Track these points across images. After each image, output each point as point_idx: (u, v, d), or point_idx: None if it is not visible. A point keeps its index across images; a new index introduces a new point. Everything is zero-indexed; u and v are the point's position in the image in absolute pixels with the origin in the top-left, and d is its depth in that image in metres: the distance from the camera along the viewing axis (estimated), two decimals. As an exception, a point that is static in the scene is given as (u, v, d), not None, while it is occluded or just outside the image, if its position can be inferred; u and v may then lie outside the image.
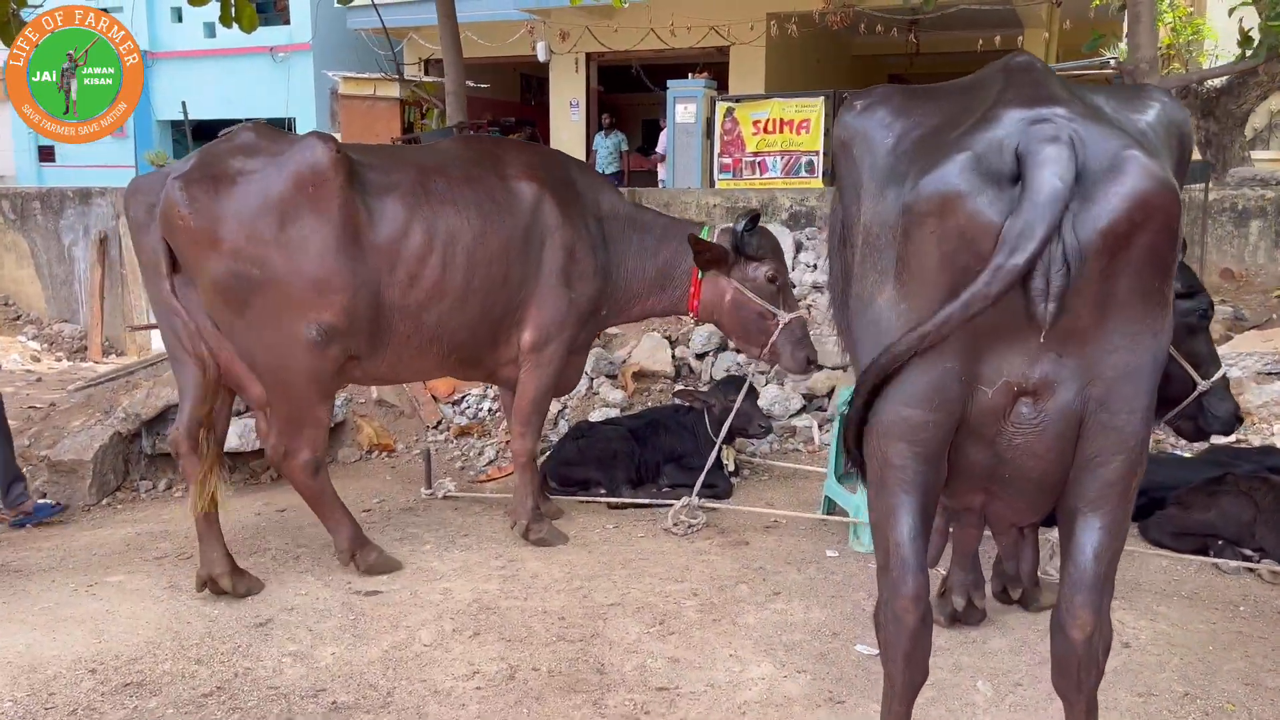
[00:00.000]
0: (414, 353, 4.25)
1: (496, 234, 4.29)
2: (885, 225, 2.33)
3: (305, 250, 3.82)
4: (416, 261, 4.07)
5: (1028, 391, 2.22)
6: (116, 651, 3.55)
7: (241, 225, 3.76)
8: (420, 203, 4.12)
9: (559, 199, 4.51)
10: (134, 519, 5.21)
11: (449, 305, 4.19)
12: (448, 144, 4.89)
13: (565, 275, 4.48)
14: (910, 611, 2.34)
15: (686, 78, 13.50)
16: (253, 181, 3.81)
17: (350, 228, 3.90)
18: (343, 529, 4.25)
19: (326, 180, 3.83)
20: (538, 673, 3.44)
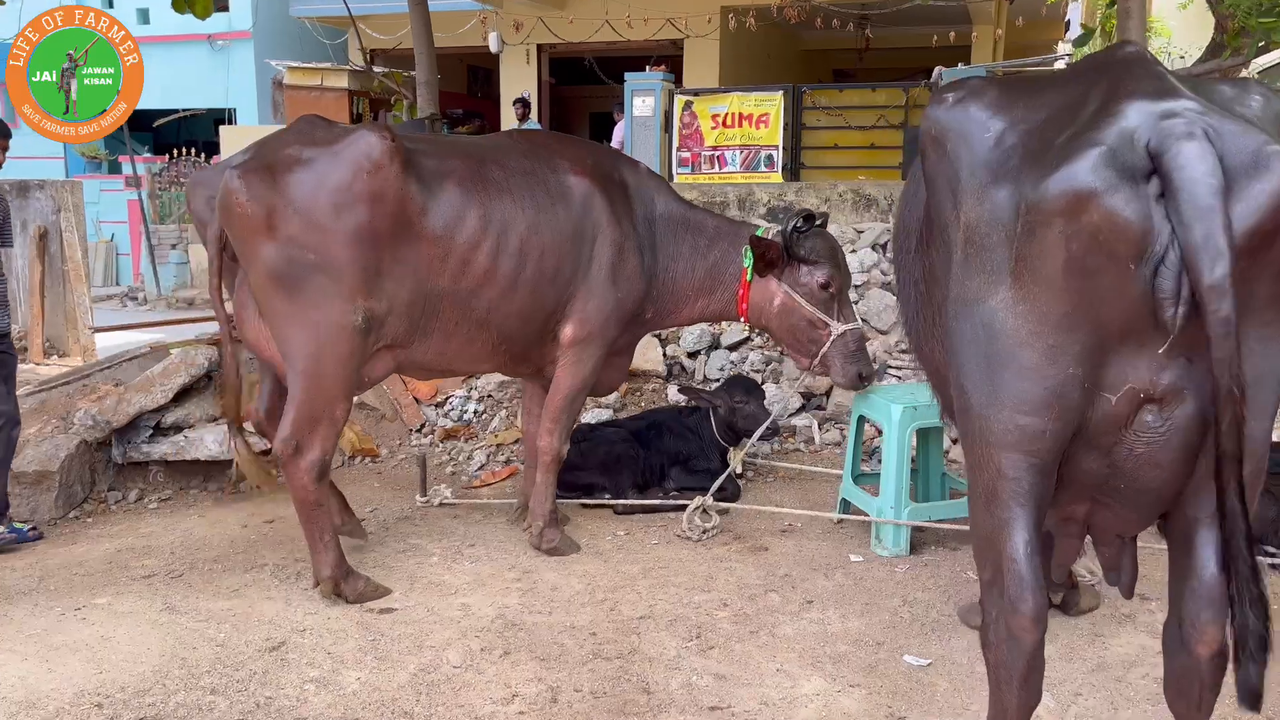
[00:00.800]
0: (463, 340, 4.19)
1: (549, 226, 4.23)
2: (997, 224, 2.20)
3: (357, 236, 3.79)
4: (469, 248, 4.04)
5: (1154, 399, 2.12)
6: (122, 683, 3.29)
7: (296, 210, 3.74)
8: (475, 190, 4.10)
9: (609, 196, 4.41)
10: (109, 534, 4.89)
11: (499, 293, 4.14)
12: (499, 136, 4.84)
13: (613, 273, 4.38)
14: (1030, 631, 2.23)
15: (643, 70, 13.35)
16: (309, 168, 3.80)
17: (403, 214, 3.88)
18: (328, 553, 3.90)
19: (381, 167, 3.81)
20: (580, 694, 3.27)
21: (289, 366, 3.87)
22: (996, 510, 2.27)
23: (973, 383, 2.30)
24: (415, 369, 4.43)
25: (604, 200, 4.38)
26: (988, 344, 2.24)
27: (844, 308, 4.67)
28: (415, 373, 4.59)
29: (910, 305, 2.90)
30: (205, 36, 17.14)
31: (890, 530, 4.47)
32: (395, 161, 3.83)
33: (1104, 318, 2.11)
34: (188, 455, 5.46)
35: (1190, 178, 1.97)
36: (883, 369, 6.20)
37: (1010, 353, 2.20)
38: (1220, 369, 1.95)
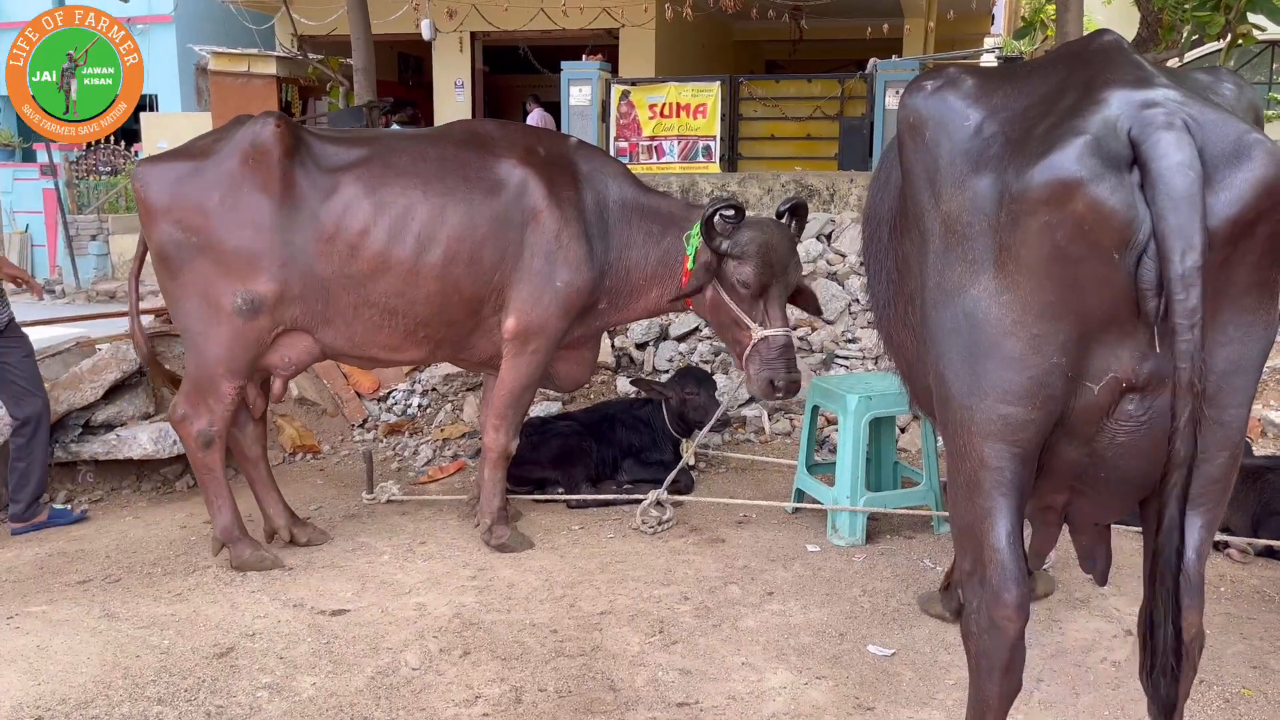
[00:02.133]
0: (369, 326, 4.17)
1: (461, 213, 4.15)
2: (979, 213, 2.19)
3: (239, 221, 3.97)
4: (358, 234, 4.04)
5: (1137, 388, 2.12)
6: (62, 695, 3.13)
7: (182, 195, 3.99)
8: (370, 177, 4.11)
9: (548, 182, 4.27)
10: (38, 538, 4.66)
11: (398, 280, 4.10)
12: (450, 125, 4.76)
13: (549, 262, 4.23)
14: (1013, 620, 2.22)
15: (579, 59, 13.23)
16: (201, 157, 4.07)
17: (288, 200, 3.99)
18: (221, 515, 4.16)
19: (264, 154, 3.97)
20: (545, 693, 3.20)
21: (184, 340, 4.20)
22: (979, 500, 2.26)
23: (954, 372, 2.29)
24: (340, 356, 4.43)
25: (541, 186, 4.24)
26: (970, 334, 2.23)
27: (770, 309, 4.21)
28: (346, 360, 4.57)
29: (881, 295, 2.88)
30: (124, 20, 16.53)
31: (846, 519, 4.48)
32: (279, 149, 3.96)
33: (1088, 307, 2.11)
34: (120, 454, 5.24)
35: (1167, 167, 1.97)
36: (830, 358, 6.22)
37: (993, 342, 2.19)
38: (1183, 359, 1.96)
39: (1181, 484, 2.06)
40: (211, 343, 4.04)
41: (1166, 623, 2.10)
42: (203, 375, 4.07)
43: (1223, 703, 3.15)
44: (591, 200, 4.41)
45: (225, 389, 4.08)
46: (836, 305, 6.41)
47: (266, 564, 4.14)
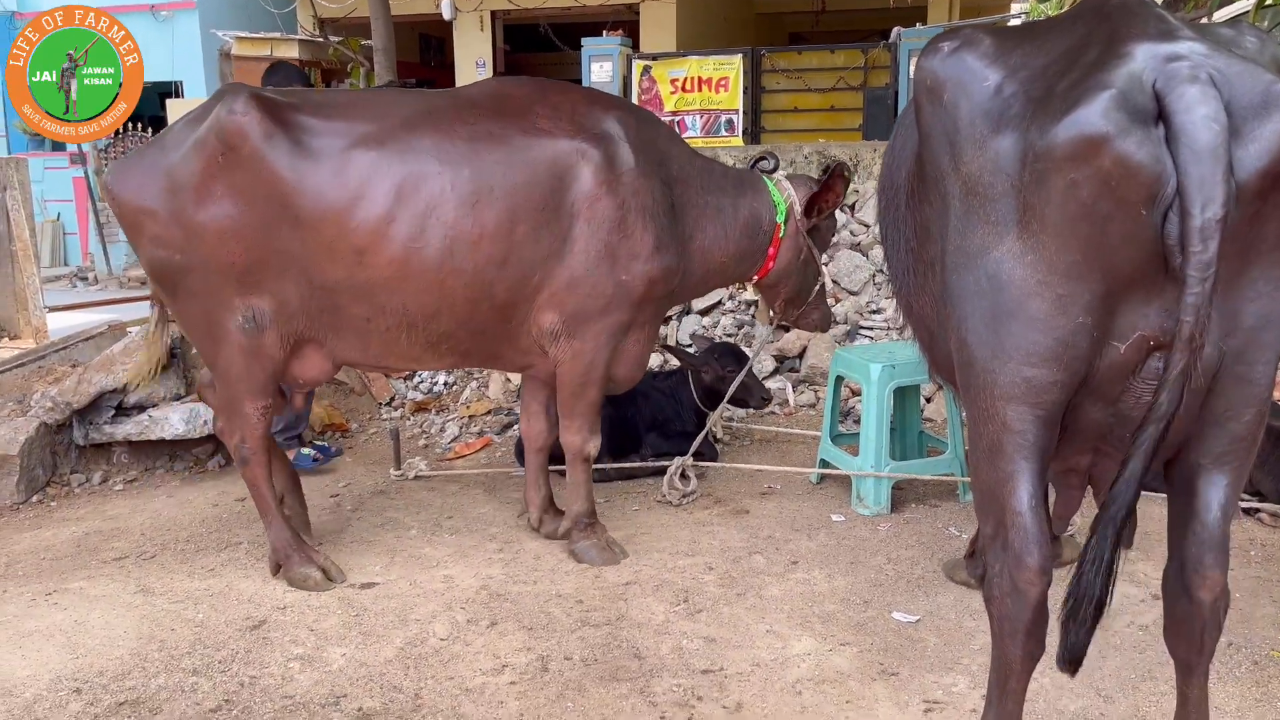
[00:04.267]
0: (383, 339, 3.67)
1: (495, 203, 3.53)
2: (1000, 173, 2.17)
3: (220, 229, 3.44)
4: (367, 235, 3.44)
5: (1163, 345, 2.10)
6: (100, 667, 3.20)
7: (156, 208, 3.49)
8: (381, 164, 3.46)
9: (606, 159, 3.67)
10: (75, 517, 4.76)
11: (418, 287, 3.54)
12: (469, 87, 3.99)
13: (610, 254, 3.69)
14: (1035, 584, 2.22)
15: (600, 35, 13.19)
16: (169, 158, 3.50)
17: (272, 198, 3.42)
18: (272, 530, 3.86)
19: (236, 148, 3.39)
20: (571, 662, 3.23)
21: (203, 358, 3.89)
22: (1001, 464, 2.25)
23: (976, 336, 2.27)
24: (356, 366, 4.15)
25: (596, 166, 3.65)
26: (993, 295, 2.21)
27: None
28: (363, 369, 4.34)
29: (900, 263, 2.86)
30: (148, 7, 16.63)
31: (871, 488, 4.47)
32: (250, 136, 3.38)
33: (1114, 265, 2.08)
34: (152, 435, 5.32)
35: (1191, 120, 1.95)
36: (854, 330, 6.20)
37: (1018, 303, 2.17)
38: (1188, 312, 1.93)
39: (1153, 440, 2.04)
40: (225, 363, 3.65)
41: (1101, 574, 2.09)
42: (227, 394, 3.75)
43: (1251, 664, 3.14)
44: (658, 176, 3.85)
45: (249, 409, 3.70)
46: (860, 276, 6.38)
47: (311, 583, 3.75)
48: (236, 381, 3.67)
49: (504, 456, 5.43)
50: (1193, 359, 1.99)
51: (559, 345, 3.82)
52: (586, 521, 4.07)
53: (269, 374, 3.68)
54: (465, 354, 3.89)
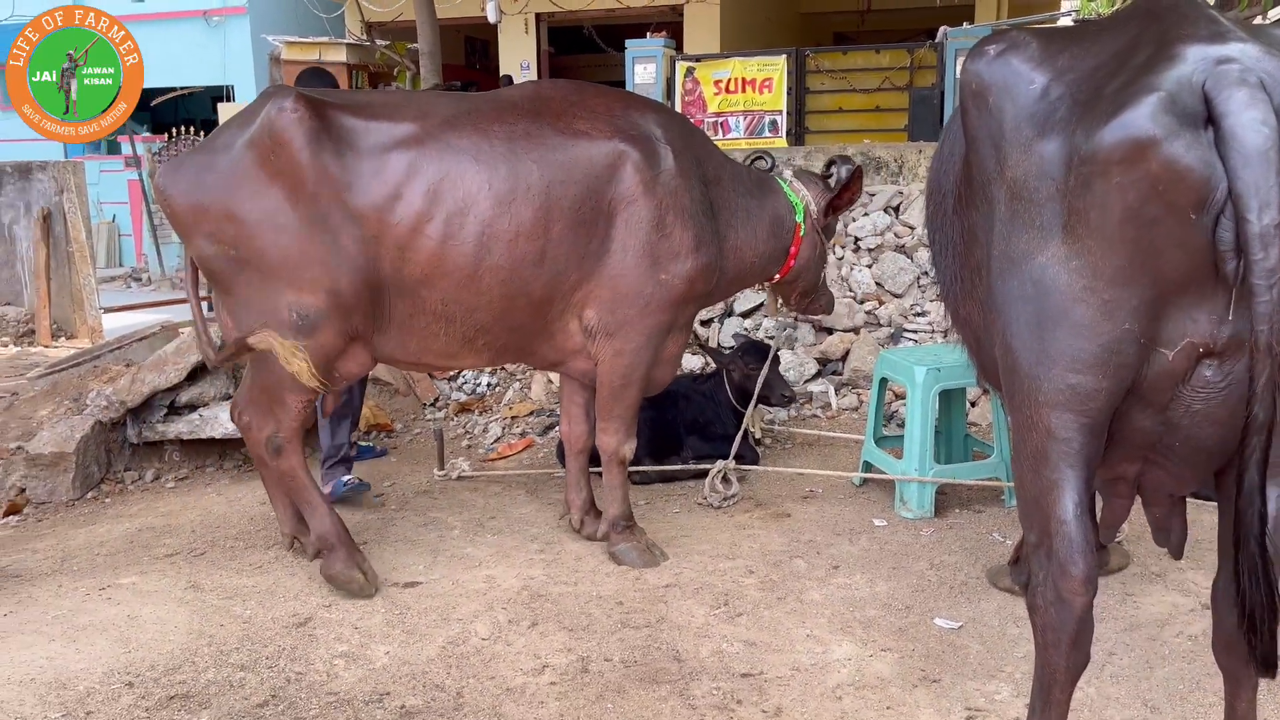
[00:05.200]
0: (421, 335, 3.74)
1: (531, 201, 3.61)
2: (1046, 177, 2.15)
3: (273, 225, 3.49)
4: (408, 232, 3.53)
5: (1214, 353, 2.06)
6: (151, 661, 3.27)
7: (210, 204, 3.52)
8: (421, 161, 3.56)
9: (644, 159, 3.75)
10: (128, 514, 4.87)
11: (455, 283, 3.61)
12: (509, 89, 4.13)
13: (649, 253, 3.77)
14: (1080, 594, 2.19)
15: (644, 37, 13.21)
16: (221, 156, 3.55)
17: (320, 194, 3.48)
18: (316, 519, 3.79)
19: (285, 144, 3.45)
20: (611, 663, 3.25)
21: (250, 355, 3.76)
22: (1045, 472, 2.23)
23: (1021, 341, 2.26)
24: (394, 363, 4.15)
25: (634, 166, 3.73)
26: (1038, 301, 2.19)
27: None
28: (400, 366, 4.28)
29: (947, 268, 2.84)
30: (200, 13, 16.96)
31: (915, 492, 4.44)
32: (300, 133, 3.43)
33: (1162, 270, 2.05)
34: (203, 434, 5.43)
35: (1240, 123, 1.92)
36: (899, 332, 6.15)
37: (1062, 309, 2.15)
38: (1261, 321, 1.90)
39: (1261, 449, 2.00)
40: (273, 360, 3.59)
41: (1255, 588, 2.06)
42: (268, 386, 3.71)
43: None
44: (696, 176, 3.94)
45: (291, 401, 3.69)
46: (905, 279, 6.33)
47: (354, 586, 3.70)
48: (283, 377, 3.61)
49: (546, 457, 5.46)
50: (1276, 365, 1.96)
51: (599, 344, 3.88)
52: (624, 524, 4.09)
53: (318, 369, 3.62)
54: (501, 350, 3.93)
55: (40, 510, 5.08)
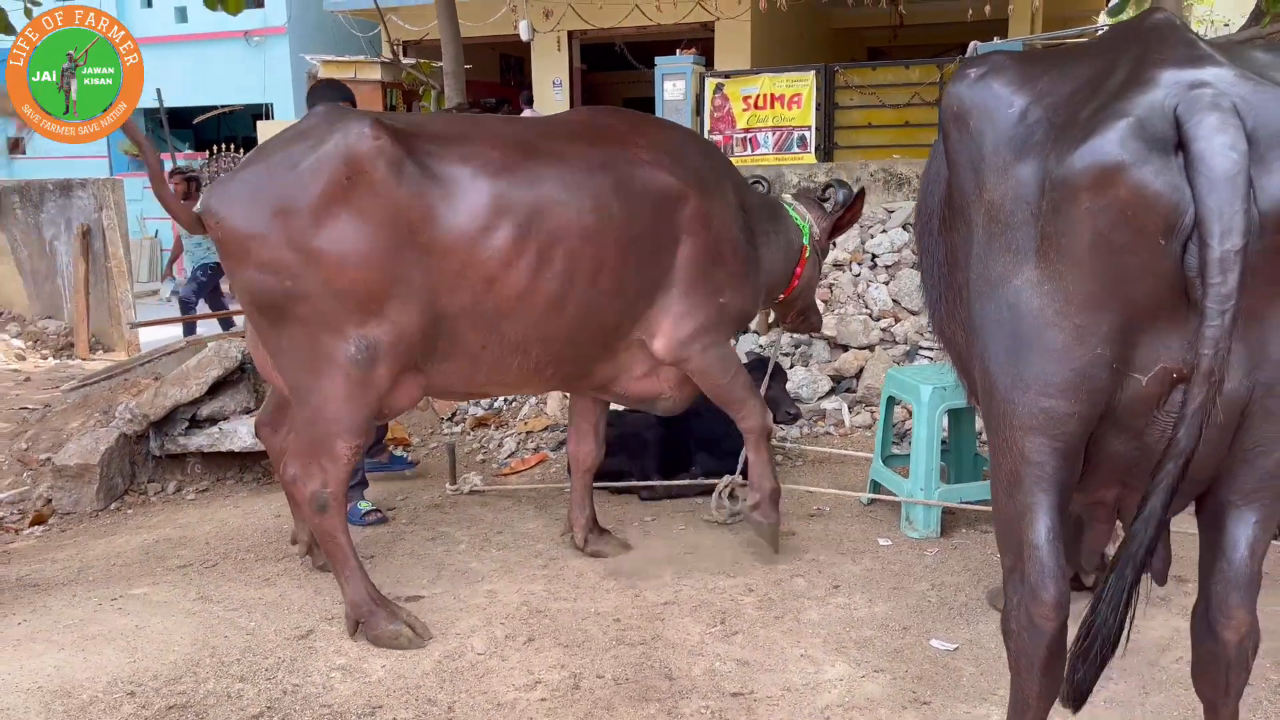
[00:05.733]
0: (492, 367, 3.64)
1: (612, 231, 3.62)
2: (1021, 201, 2.15)
3: (341, 257, 3.28)
4: (499, 266, 3.43)
5: (1187, 378, 2.06)
6: (154, 671, 3.34)
7: (268, 232, 3.27)
8: (508, 191, 3.45)
9: (701, 189, 3.85)
10: (148, 525, 4.98)
11: (539, 314, 3.55)
12: (561, 116, 4.10)
13: (710, 281, 3.88)
14: (1050, 619, 2.18)
15: (673, 54, 13.29)
16: (282, 180, 3.31)
17: (399, 226, 3.32)
18: (350, 585, 3.55)
19: (364, 173, 3.27)
20: (602, 680, 3.27)
21: (291, 394, 3.60)
22: (1019, 495, 2.23)
23: (997, 365, 2.26)
24: (446, 395, 4.04)
25: (695, 195, 3.82)
26: (1012, 325, 2.19)
27: None
28: (448, 398, 4.18)
29: (933, 289, 2.85)
30: (242, 33, 17.32)
31: (920, 512, 4.42)
32: (382, 164, 3.28)
33: (1133, 296, 2.05)
34: (223, 447, 5.54)
35: (1208, 148, 1.91)
36: (914, 350, 6.13)
37: (1035, 334, 2.16)
38: (1207, 346, 1.89)
39: (1173, 475, 1.99)
40: (325, 399, 3.39)
41: (1116, 615, 2.05)
42: (316, 434, 3.45)
43: (1305, 707, 3.02)
44: (737, 205, 4.07)
45: (341, 449, 3.44)
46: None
47: (403, 640, 3.49)
48: (333, 419, 3.41)
49: (558, 473, 5.50)
50: (1212, 394, 1.95)
51: (690, 366, 3.95)
52: (773, 502, 4.14)
53: (370, 409, 3.46)
54: (565, 378, 3.93)
55: (65, 520, 5.21)
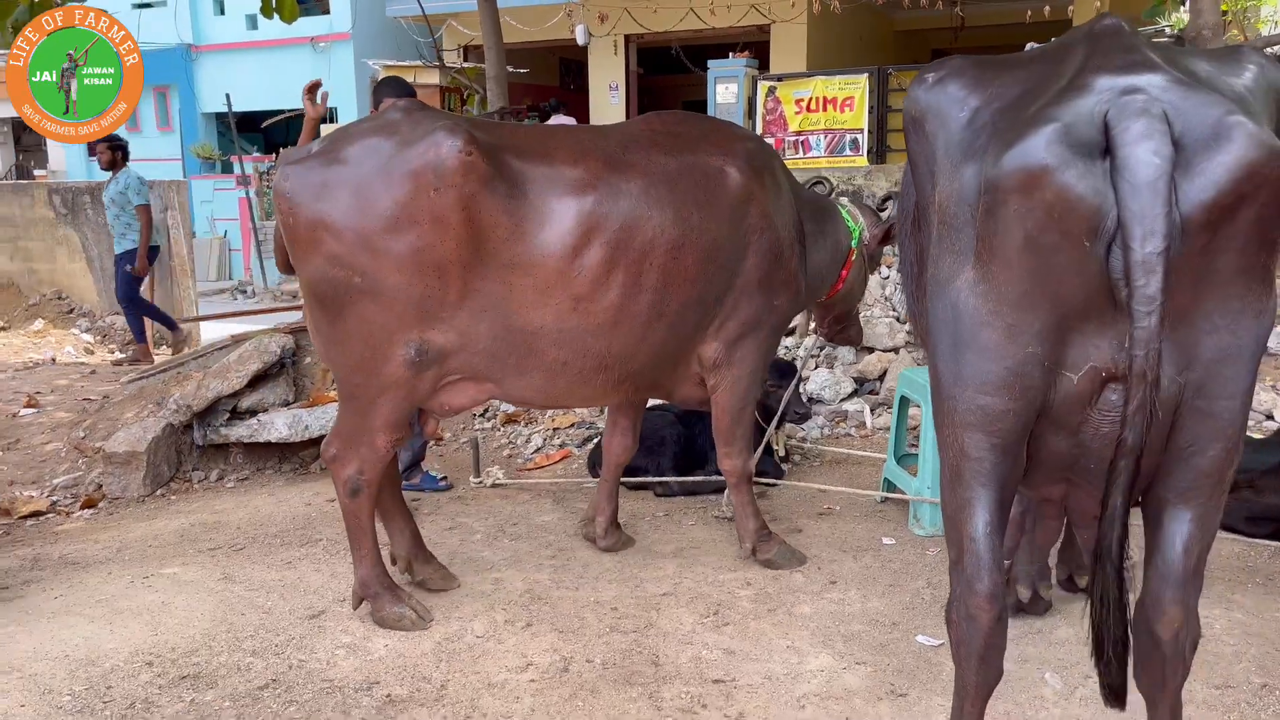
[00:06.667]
0: (571, 380, 3.62)
1: (697, 245, 3.62)
2: (963, 203, 2.22)
3: (417, 262, 3.29)
4: (589, 284, 3.43)
5: (1117, 377, 2.11)
6: (173, 644, 3.56)
7: (343, 225, 3.27)
8: (597, 210, 3.44)
9: (769, 194, 3.89)
10: (187, 510, 5.24)
11: (623, 333, 3.55)
12: (632, 125, 4.04)
13: (769, 283, 3.90)
14: (985, 610, 2.25)
15: (727, 57, 13.36)
16: (365, 175, 3.28)
17: (481, 239, 3.32)
18: (362, 566, 3.69)
19: (452, 185, 3.24)
20: (591, 664, 3.39)
21: (337, 383, 3.69)
22: (960, 490, 2.29)
23: (943, 362, 2.33)
24: (516, 402, 4.06)
25: (761, 201, 3.84)
26: (954, 324, 2.26)
27: None
28: (513, 403, 4.18)
29: (908, 288, 2.92)
30: (308, 39, 17.85)
31: (927, 510, 4.46)
32: (472, 177, 3.25)
33: (1062, 296, 2.11)
34: (261, 438, 5.79)
35: (1132, 154, 1.96)
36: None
37: (972, 332, 2.23)
38: (1138, 346, 1.94)
39: (1127, 474, 2.04)
40: (372, 394, 3.47)
41: (1112, 612, 2.09)
42: (358, 425, 3.54)
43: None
44: (793, 206, 4.10)
45: (380, 442, 3.54)
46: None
47: (406, 623, 3.62)
48: (376, 414, 3.50)
49: (580, 469, 5.64)
50: (1150, 392, 2.00)
51: (720, 374, 3.96)
52: (764, 535, 4.20)
53: (412, 408, 3.57)
54: (637, 388, 3.90)
55: (113, 505, 5.51)
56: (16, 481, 5.79)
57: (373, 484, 3.64)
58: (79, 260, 11.39)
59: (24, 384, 8.00)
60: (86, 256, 11.33)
